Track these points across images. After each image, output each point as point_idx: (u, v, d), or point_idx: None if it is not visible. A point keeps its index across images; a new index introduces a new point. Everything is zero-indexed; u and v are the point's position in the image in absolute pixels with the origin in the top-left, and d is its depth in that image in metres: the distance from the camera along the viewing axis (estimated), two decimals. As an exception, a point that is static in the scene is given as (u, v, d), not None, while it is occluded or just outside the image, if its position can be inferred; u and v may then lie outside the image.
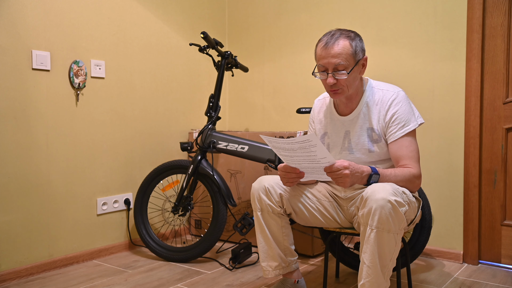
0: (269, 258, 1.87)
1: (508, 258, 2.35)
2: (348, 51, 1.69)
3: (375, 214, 1.49)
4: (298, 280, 1.91)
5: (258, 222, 1.85)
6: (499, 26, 2.32)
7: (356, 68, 1.72)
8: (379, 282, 1.53)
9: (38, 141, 2.28)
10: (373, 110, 1.76)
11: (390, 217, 1.48)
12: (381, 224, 1.49)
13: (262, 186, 1.81)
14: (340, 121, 1.85)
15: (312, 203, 1.84)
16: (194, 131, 3.00)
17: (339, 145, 1.84)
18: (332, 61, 1.68)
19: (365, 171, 1.59)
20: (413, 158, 1.69)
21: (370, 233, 1.51)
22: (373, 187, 1.53)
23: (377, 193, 1.49)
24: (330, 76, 1.70)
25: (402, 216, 1.51)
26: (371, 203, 1.50)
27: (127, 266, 2.42)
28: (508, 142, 2.33)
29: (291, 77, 3.02)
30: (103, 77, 2.55)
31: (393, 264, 1.57)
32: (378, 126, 1.75)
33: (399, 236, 1.54)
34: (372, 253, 1.52)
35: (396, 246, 1.54)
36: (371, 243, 1.51)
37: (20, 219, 2.22)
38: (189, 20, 3.05)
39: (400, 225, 1.52)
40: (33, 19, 2.24)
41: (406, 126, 1.71)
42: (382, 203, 1.48)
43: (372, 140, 1.77)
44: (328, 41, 1.71)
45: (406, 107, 1.73)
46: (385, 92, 1.77)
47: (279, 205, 1.81)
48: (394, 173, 1.64)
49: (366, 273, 1.54)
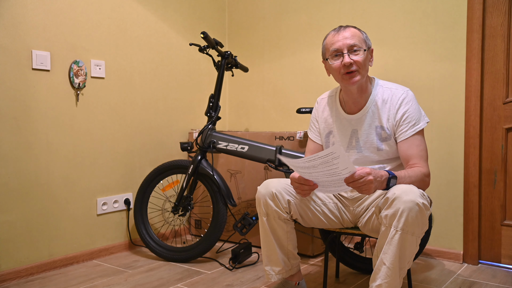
0: (272, 262, 1.85)
1: (508, 258, 2.35)
2: (359, 35, 1.74)
3: (402, 216, 1.46)
4: (299, 282, 1.90)
5: (263, 227, 1.82)
6: (499, 26, 2.32)
7: (367, 53, 1.74)
8: (396, 283, 1.52)
9: (38, 141, 2.28)
10: (383, 108, 1.76)
11: (416, 220, 1.47)
12: (406, 226, 1.47)
13: (270, 192, 1.76)
14: (347, 119, 1.83)
15: (318, 206, 1.82)
16: (194, 131, 3.00)
17: (345, 143, 1.83)
18: (347, 42, 1.70)
19: (384, 175, 1.55)
20: (423, 157, 1.69)
21: (394, 234, 1.49)
22: (401, 189, 1.50)
23: (406, 195, 1.47)
24: (346, 55, 1.70)
25: (427, 219, 1.50)
26: (399, 204, 1.47)
27: (127, 266, 2.42)
28: (508, 142, 2.33)
29: (291, 77, 3.02)
30: (103, 77, 2.55)
31: (409, 266, 1.56)
32: (388, 125, 1.75)
33: (419, 239, 1.53)
34: (394, 255, 1.50)
35: (416, 249, 1.54)
36: (394, 245, 1.49)
37: (20, 219, 2.22)
38: (189, 20, 3.05)
39: (423, 229, 1.52)
40: (33, 19, 2.24)
41: (416, 124, 1.71)
42: (411, 205, 1.46)
43: (381, 139, 1.76)
44: (338, 29, 1.76)
45: (416, 106, 1.74)
46: (394, 90, 1.77)
47: (286, 211, 1.78)
48: (408, 175, 1.62)
49: (385, 274, 1.51)
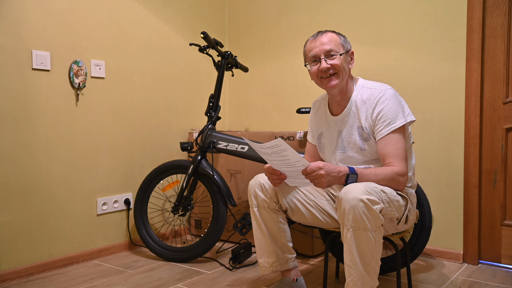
0: (266, 254, 1.89)
1: (508, 258, 2.35)
2: (336, 40, 1.78)
3: (349, 214, 1.51)
4: (297, 279, 1.92)
5: (255, 217, 1.88)
6: (499, 26, 2.32)
7: (346, 56, 1.77)
8: (363, 280, 1.54)
9: (38, 141, 2.28)
10: (362, 108, 1.78)
11: (364, 216, 1.49)
12: (355, 223, 1.50)
13: (258, 182, 1.85)
14: (333, 121, 1.87)
15: (309, 200, 1.85)
16: (194, 131, 3.00)
17: (333, 144, 1.87)
18: (323, 48, 1.76)
19: (342, 171, 1.60)
20: (398, 156, 1.68)
21: (346, 232, 1.53)
22: (346, 188, 1.55)
23: (349, 193, 1.51)
24: (323, 60, 1.75)
25: (376, 214, 1.51)
26: (344, 203, 1.52)
27: (127, 266, 2.42)
28: (508, 142, 2.33)
29: (291, 77, 3.02)
30: (103, 77, 2.55)
31: (377, 262, 1.57)
32: (366, 124, 1.76)
33: (378, 234, 1.54)
34: (350, 252, 1.53)
35: (376, 244, 1.54)
36: (348, 243, 1.53)
37: (20, 219, 2.23)
38: (189, 20, 3.05)
39: (377, 223, 1.52)
40: (33, 19, 2.24)
41: (392, 123, 1.70)
42: (354, 202, 1.49)
43: (363, 139, 1.78)
44: (316, 35, 1.81)
45: (393, 105, 1.72)
46: (373, 90, 1.78)
47: (274, 200, 1.84)
48: (375, 172, 1.64)
49: (348, 272, 1.56)
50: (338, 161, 1.84)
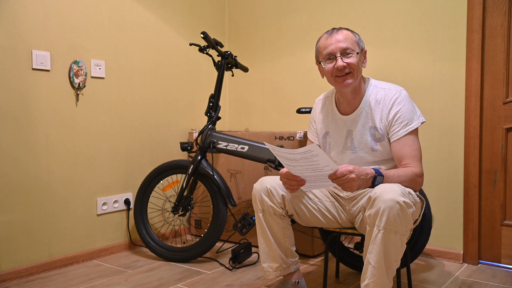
0: (270, 259, 1.86)
1: (508, 258, 2.35)
2: (352, 37, 1.75)
3: (383, 215, 1.48)
4: (299, 281, 1.91)
5: (260, 223, 1.84)
6: (499, 26, 2.32)
7: (361, 55, 1.75)
8: (384, 282, 1.53)
9: (38, 141, 2.28)
10: (376, 109, 1.76)
11: (398, 218, 1.47)
12: (388, 225, 1.48)
13: (264, 188, 1.79)
14: (342, 120, 1.84)
15: (314, 204, 1.83)
16: (194, 131, 3.00)
17: (341, 144, 1.84)
18: (340, 45, 1.72)
19: (370, 173, 1.57)
20: (415, 157, 1.69)
21: (377, 233, 1.50)
22: (382, 188, 1.51)
23: (386, 194, 1.48)
24: (339, 58, 1.71)
25: (409, 217, 1.50)
26: (380, 203, 1.48)
27: (127, 266, 2.42)
28: (508, 142, 2.33)
29: (291, 77, 3.02)
30: (103, 77, 2.55)
31: (397, 265, 1.57)
32: (381, 125, 1.75)
33: (405, 237, 1.53)
34: (378, 254, 1.51)
35: (401, 247, 1.54)
36: (377, 244, 1.50)
37: (20, 219, 2.22)
38: (189, 20, 3.05)
39: (407, 227, 1.52)
40: (33, 19, 2.24)
41: (409, 124, 1.70)
42: (391, 204, 1.47)
43: (375, 139, 1.76)
44: (331, 31, 1.77)
45: (409, 106, 1.73)
46: (387, 91, 1.77)
47: (281, 206, 1.80)
48: (398, 174, 1.63)
49: (371, 273, 1.52)
50: (348, 161, 1.82)
